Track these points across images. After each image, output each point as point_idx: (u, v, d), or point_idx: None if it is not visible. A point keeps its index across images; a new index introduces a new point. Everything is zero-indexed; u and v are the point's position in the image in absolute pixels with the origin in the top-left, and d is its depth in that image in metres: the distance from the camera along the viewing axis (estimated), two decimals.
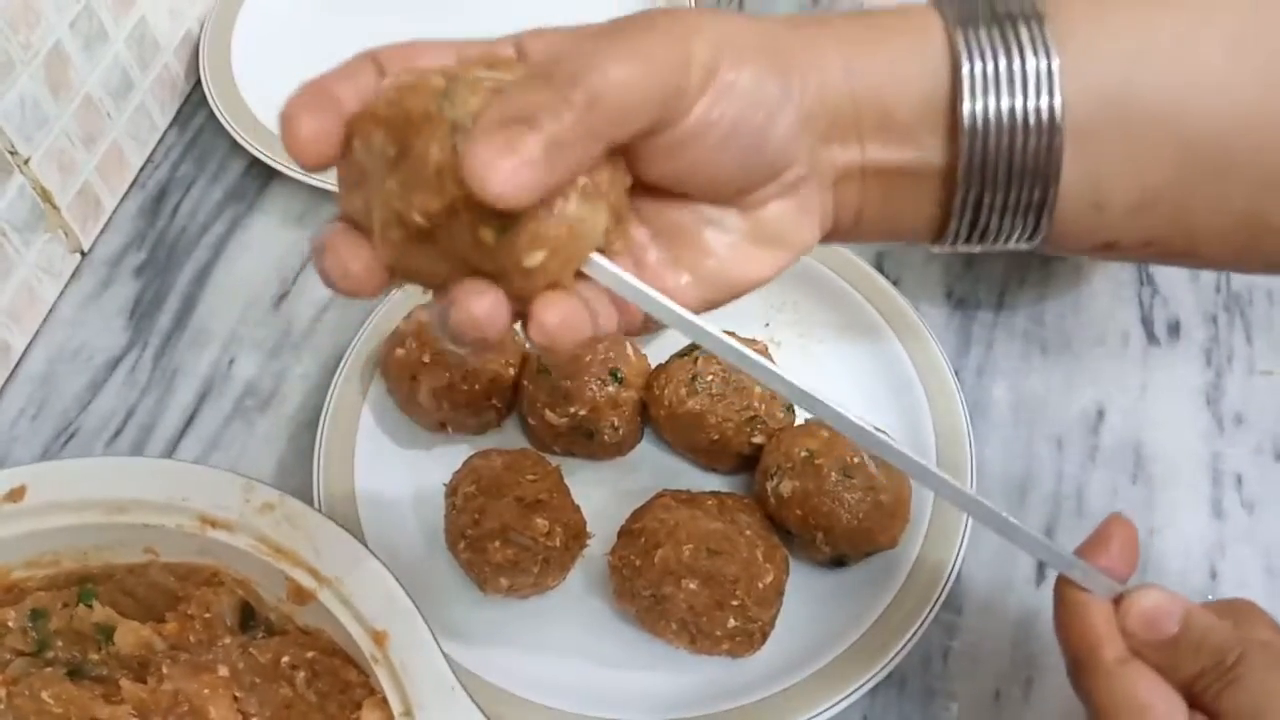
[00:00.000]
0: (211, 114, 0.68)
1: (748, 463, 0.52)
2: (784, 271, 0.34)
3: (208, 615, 0.47)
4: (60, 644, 0.47)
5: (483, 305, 0.28)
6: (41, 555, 0.47)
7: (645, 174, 0.31)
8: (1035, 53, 0.32)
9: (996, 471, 0.54)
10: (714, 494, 0.49)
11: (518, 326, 0.30)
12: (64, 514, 0.47)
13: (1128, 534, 0.36)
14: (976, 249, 0.35)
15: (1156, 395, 0.57)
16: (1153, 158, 0.33)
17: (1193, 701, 0.34)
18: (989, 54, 0.32)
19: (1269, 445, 0.55)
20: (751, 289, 0.34)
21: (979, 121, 0.32)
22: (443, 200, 0.27)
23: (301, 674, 0.45)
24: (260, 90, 0.69)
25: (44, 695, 0.44)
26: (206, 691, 0.44)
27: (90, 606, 0.46)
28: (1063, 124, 0.32)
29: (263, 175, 0.67)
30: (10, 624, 0.46)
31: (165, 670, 0.45)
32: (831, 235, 0.35)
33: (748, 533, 0.47)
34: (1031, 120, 0.32)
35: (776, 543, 0.48)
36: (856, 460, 0.48)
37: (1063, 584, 0.35)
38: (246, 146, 0.66)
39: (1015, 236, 0.34)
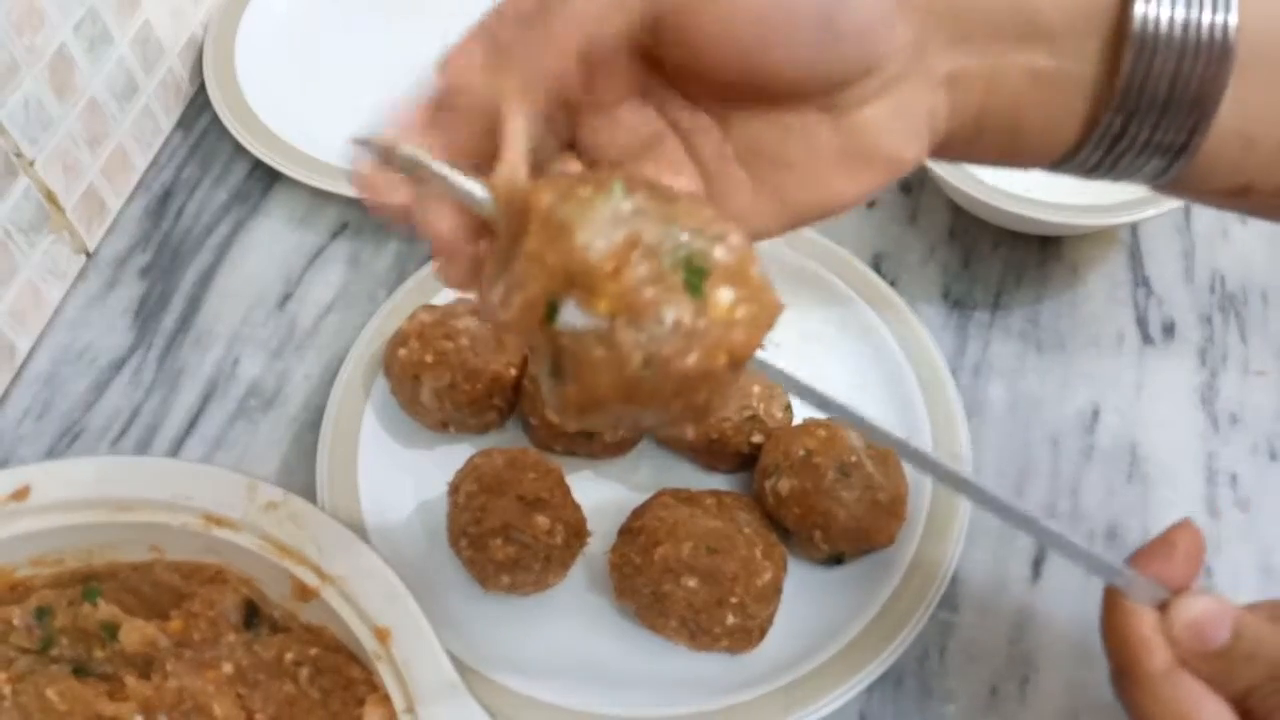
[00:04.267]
0: (216, 117, 0.68)
1: (747, 462, 0.53)
2: (877, 191, 0.31)
3: (212, 613, 0.47)
4: (65, 642, 0.47)
5: None
6: (46, 554, 0.47)
7: (715, 61, 0.28)
8: None
9: (992, 470, 0.55)
10: (713, 493, 0.50)
11: None
12: (69, 513, 0.47)
13: (1194, 542, 0.34)
14: (1099, 179, 0.32)
15: (1151, 395, 0.58)
16: None
17: (1247, 716, 0.32)
18: None
19: (1264, 445, 0.56)
20: (839, 211, 0.31)
21: (1149, 28, 0.28)
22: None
23: (305, 671, 0.45)
24: (264, 93, 0.69)
25: (49, 693, 0.44)
26: (210, 688, 0.44)
27: (95, 604, 0.47)
28: (1235, 47, 0.29)
29: (266, 177, 0.68)
30: (15, 622, 0.47)
31: (169, 667, 0.45)
32: (942, 149, 0.31)
33: (746, 531, 0.47)
34: (1204, 37, 0.28)
35: (775, 541, 0.48)
36: (854, 459, 0.49)
37: (1110, 590, 0.34)
38: (250, 149, 0.66)
39: (1148, 169, 0.31)
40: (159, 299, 0.63)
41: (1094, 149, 0.31)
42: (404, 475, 0.54)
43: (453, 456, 0.52)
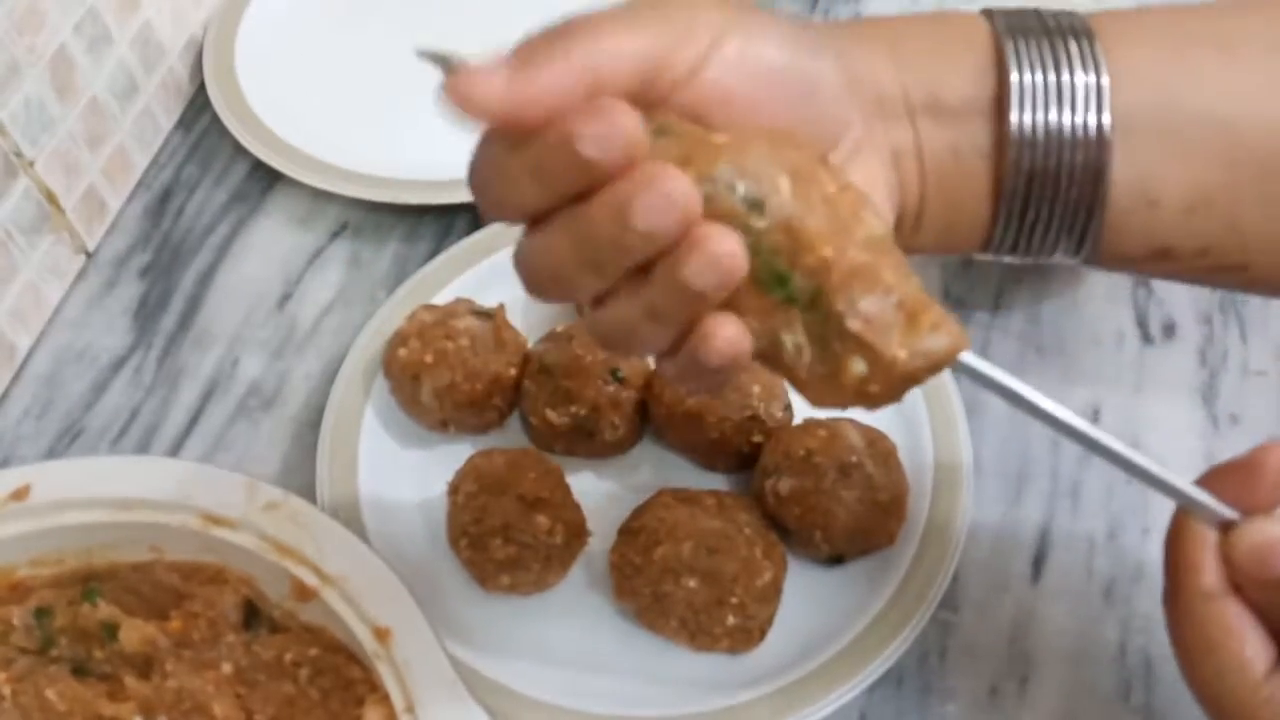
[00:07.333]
0: (216, 117, 0.68)
1: (747, 461, 0.52)
2: None
3: (211, 613, 0.47)
4: (65, 642, 0.47)
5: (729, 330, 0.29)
6: (46, 554, 0.47)
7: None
8: (1085, 68, 0.32)
9: (993, 470, 0.55)
10: (713, 492, 0.50)
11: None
12: (69, 513, 0.47)
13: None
14: (1024, 259, 0.35)
15: (1152, 395, 0.58)
16: (1202, 156, 0.32)
17: None
18: (1038, 66, 0.32)
19: None
20: None
21: (1026, 131, 0.32)
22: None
23: (304, 671, 0.45)
24: (264, 94, 0.69)
25: (48, 693, 0.44)
26: (210, 689, 0.44)
27: (95, 604, 0.47)
28: (1111, 139, 0.32)
29: (266, 178, 0.68)
30: (15, 622, 0.46)
31: (169, 667, 0.45)
32: (899, 227, 0.34)
33: (746, 531, 0.47)
34: (1080, 135, 0.32)
35: (775, 541, 0.48)
36: (854, 459, 0.49)
37: (1178, 509, 0.32)
38: (250, 149, 0.66)
39: (1063, 245, 0.34)
40: (159, 299, 0.63)
41: (1005, 226, 0.34)
42: (404, 475, 0.54)
43: (453, 456, 0.52)
